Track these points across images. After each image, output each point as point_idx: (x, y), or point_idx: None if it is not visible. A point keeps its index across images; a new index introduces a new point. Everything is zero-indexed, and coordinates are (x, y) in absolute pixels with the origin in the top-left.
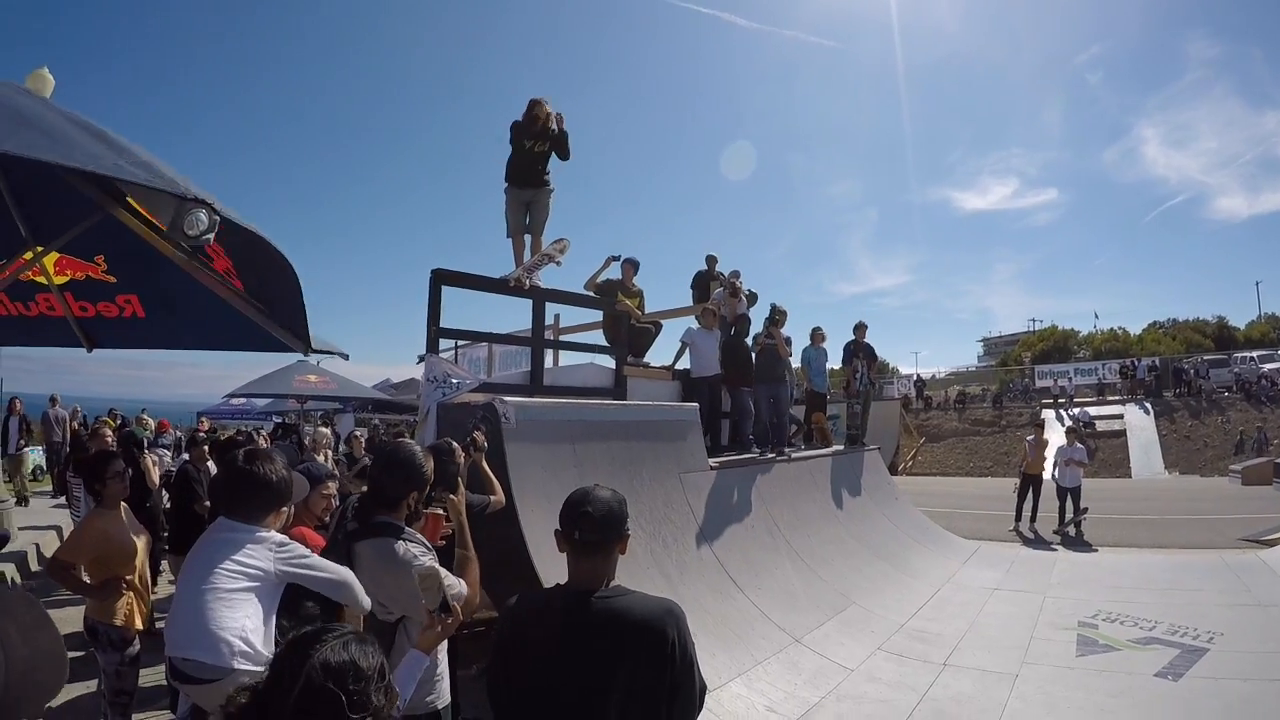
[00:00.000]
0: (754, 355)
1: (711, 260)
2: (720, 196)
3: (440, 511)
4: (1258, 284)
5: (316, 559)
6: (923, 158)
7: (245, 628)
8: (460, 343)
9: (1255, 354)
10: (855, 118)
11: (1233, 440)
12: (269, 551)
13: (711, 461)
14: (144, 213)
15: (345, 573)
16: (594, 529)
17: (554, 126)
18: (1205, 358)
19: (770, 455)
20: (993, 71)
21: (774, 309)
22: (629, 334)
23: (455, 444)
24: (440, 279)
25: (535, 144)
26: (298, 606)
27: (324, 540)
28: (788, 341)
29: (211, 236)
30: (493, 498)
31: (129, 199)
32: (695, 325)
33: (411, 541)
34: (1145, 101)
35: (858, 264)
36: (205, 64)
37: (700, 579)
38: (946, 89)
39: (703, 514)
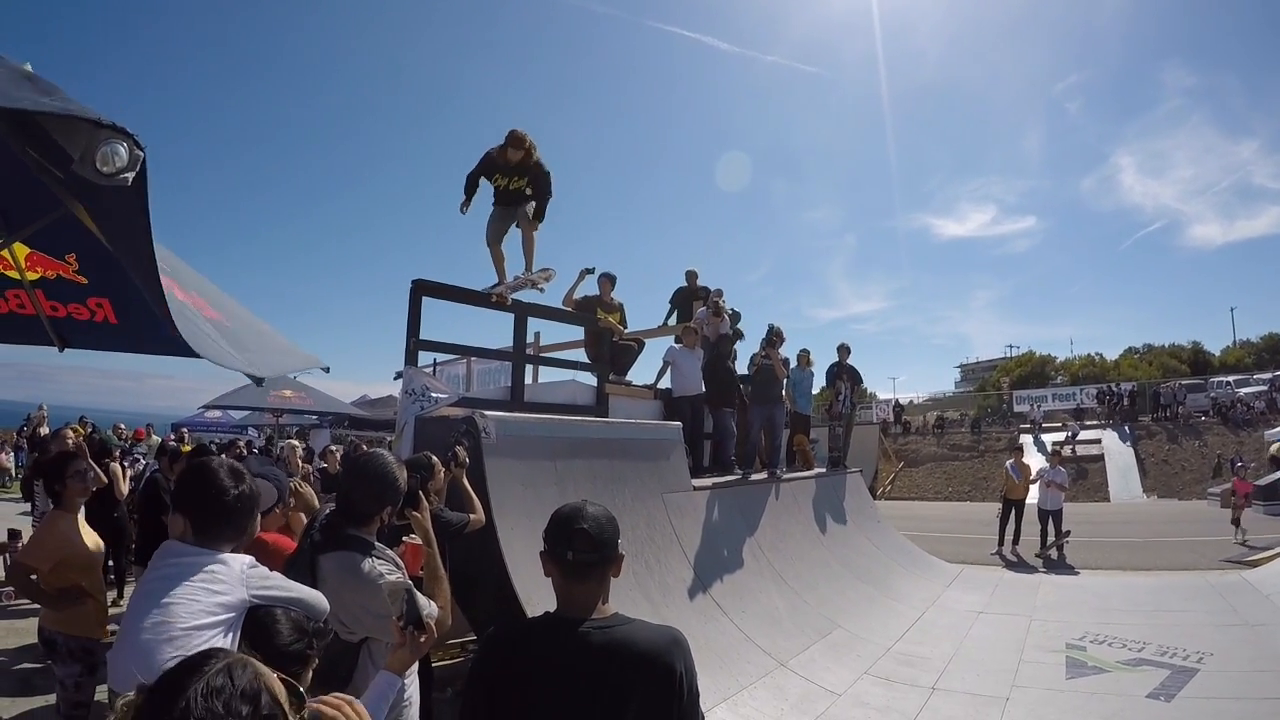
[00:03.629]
0: (750, 375)
1: (691, 276)
2: (700, 218)
3: (420, 541)
4: (1232, 310)
5: (285, 580)
6: (902, 184)
7: None
8: (439, 360)
9: (1231, 379)
10: (836, 143)
11: (1210, 464)
12: (240, 577)
13: (694, 482)
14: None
15: (317, 595)
16: (589, 546)
17: (537, 159)
18: (1182, 382)
19: (754, 476)
20: (973, 99)
21: (772, 329)
22: (611, 351)
23: (435, 458)
24: (421, 290)
25: (511, 180)
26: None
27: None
28: (785, 363)
29: (131, 177)
30: (472, 516)
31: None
32: (676, 344)
33: (380, 559)
34: (1123, 130)
35: (836, 289)
36: (184, 79)
37: (683, 601)
38: (927, 116)
39: (685, 535)
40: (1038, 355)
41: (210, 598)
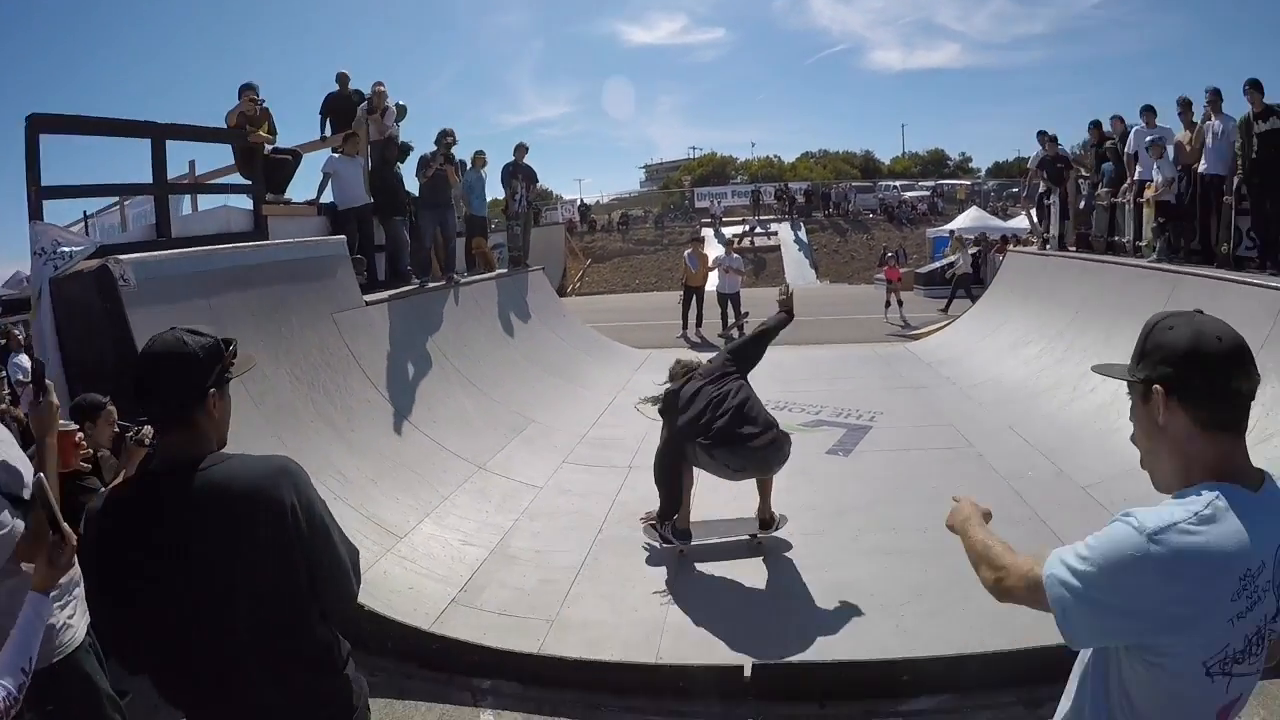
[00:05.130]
0: (420, 181)
1: (343, 79)
2: (368, 19)
3: (74, 428)
4: (903, 126)
5: None
6: None
7: None
8: (90, 212)
9: (898, 184)
10: None
11: (877, 254)
12: None
13: (367, 298)
14: None
15: None
16: (157, 403)
17: None
18: (853, 184)
19: (432, 284)
20: None
21: (443, 133)
22: (265, 168)
23: (108, 402)
24: (39, 126)
25: None
26: None
27: None
28: (459, 165)
29: None
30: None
31: None
32: (336, 154)
33: None
34: None
35: (523, 95)
36: None
37: (371, 422)
38: None
39: (364, 354)
40: (719, 156)
41: None
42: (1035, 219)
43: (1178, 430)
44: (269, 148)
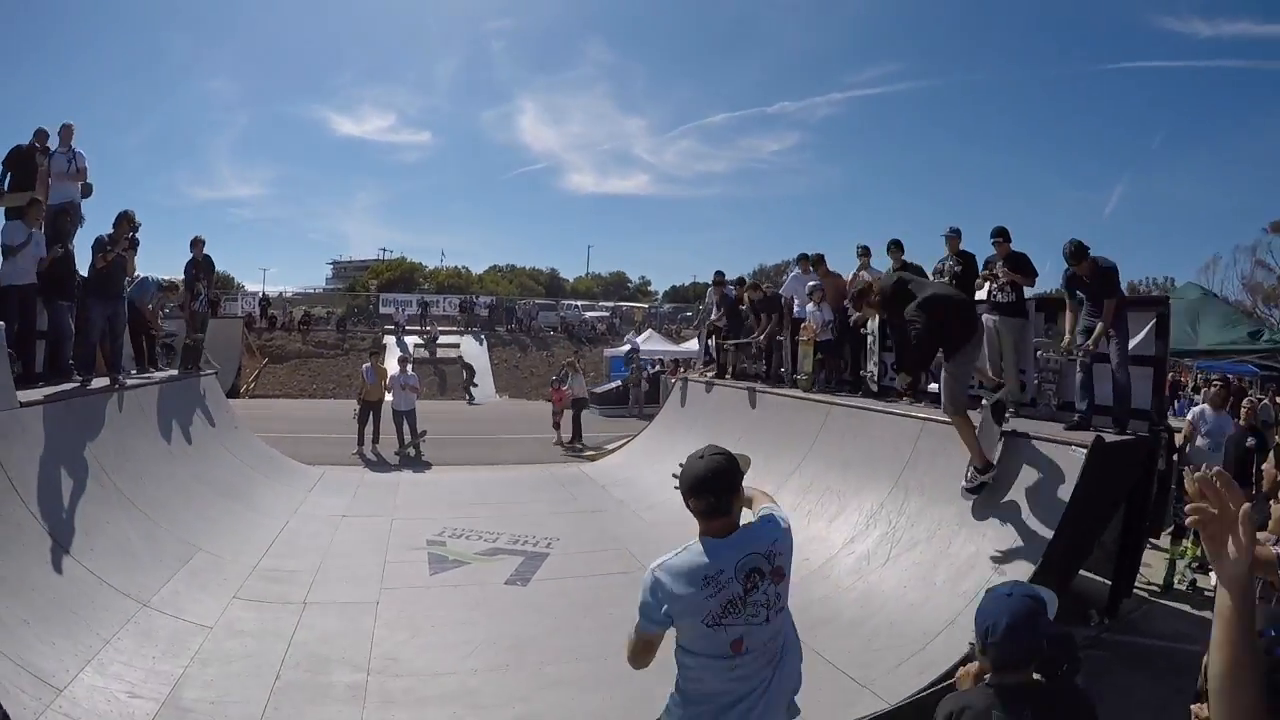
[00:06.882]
0: (96, 265)
1: (42, 136)
2: (60, 68)
3: None
4: (589, 247)
5: None
6: (309, 70)
7: None
8: None
9: (579, 303)
10: (250, 11)
11: (555, 371)
12: None
13: (22, 396)
14: None
15: None
16: None
17: None
18: (536, 301)
19: (97, 382)
20: (405, 12)
21: (126, 216)
22: None
23: None
24: None
25: None
26: None
27: None
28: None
29: None
30: None
31: None
32: (17, 220)
33: None
34: (534, 79)
35: (218, 169)
36: None
37: (22, 549)
38: (354, 13)
39: (15, 465)
40: (409, 261)
41: None
42: (708, 346)
43: None
44: None
